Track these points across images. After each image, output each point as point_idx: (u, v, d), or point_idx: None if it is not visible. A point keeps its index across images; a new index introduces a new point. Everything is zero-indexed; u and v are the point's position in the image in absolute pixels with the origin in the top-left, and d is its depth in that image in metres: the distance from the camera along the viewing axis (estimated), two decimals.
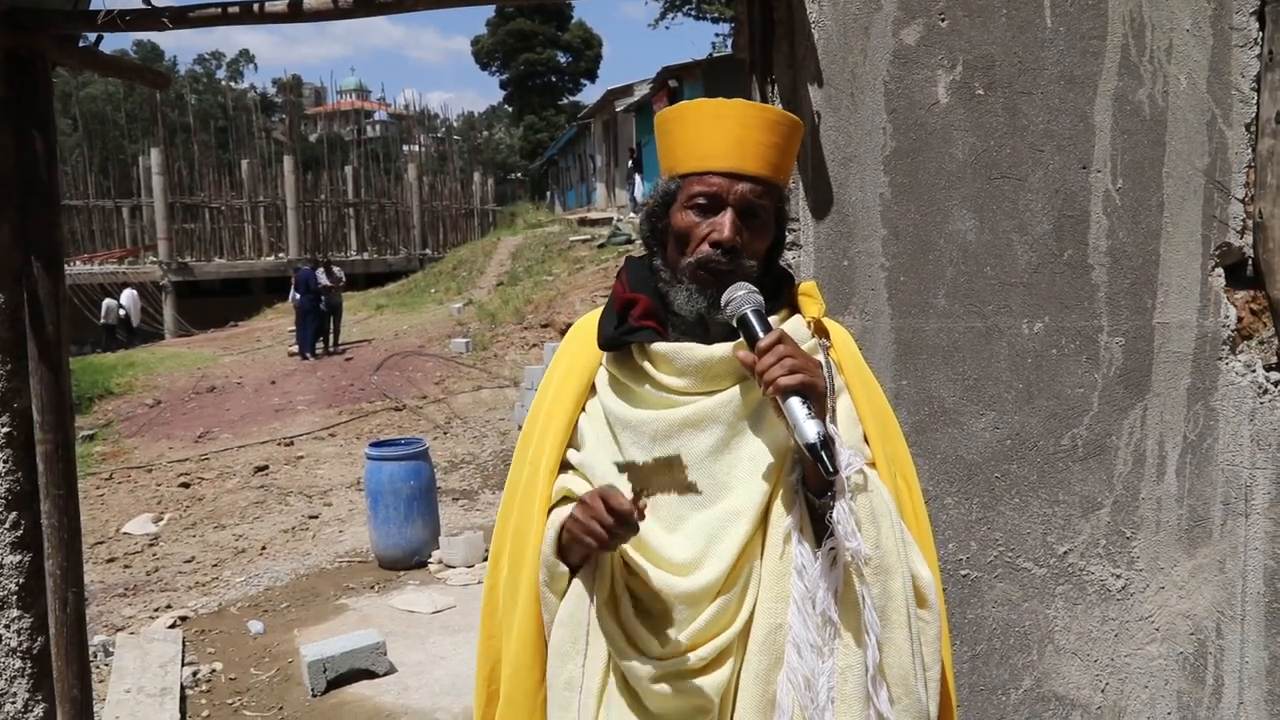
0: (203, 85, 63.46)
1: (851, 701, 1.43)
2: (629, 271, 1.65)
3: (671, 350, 1.52)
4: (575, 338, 1.71)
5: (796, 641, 1.44)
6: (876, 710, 1.44)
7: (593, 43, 59.52)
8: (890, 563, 1.47)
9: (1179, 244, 2.41)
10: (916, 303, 2.44)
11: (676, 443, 1.51)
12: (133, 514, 9.27)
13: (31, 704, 2.68)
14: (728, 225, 1.50)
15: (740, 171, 1.52)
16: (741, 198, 1.51)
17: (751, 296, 1.48)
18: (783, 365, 1.38)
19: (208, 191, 31.38)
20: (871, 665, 1.44)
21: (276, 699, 5.19)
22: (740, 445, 1.51)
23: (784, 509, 1.48)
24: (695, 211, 1.53)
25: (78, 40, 2.74)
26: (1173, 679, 2.51)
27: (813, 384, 1.39)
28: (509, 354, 15.87)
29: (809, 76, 2.40)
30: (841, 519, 1.41)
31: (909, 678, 1.47)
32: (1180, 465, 2.46)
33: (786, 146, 1.57)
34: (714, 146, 1.53)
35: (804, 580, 1.44)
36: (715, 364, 1.51)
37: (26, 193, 2.63)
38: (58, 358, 2.69)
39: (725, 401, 1.51)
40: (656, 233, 1.60)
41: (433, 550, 7.41)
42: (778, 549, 1.47)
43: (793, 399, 1.37)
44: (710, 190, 1.52)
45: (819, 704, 1.42)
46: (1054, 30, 2.37)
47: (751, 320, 1.46)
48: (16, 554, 2.64)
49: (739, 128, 1.53)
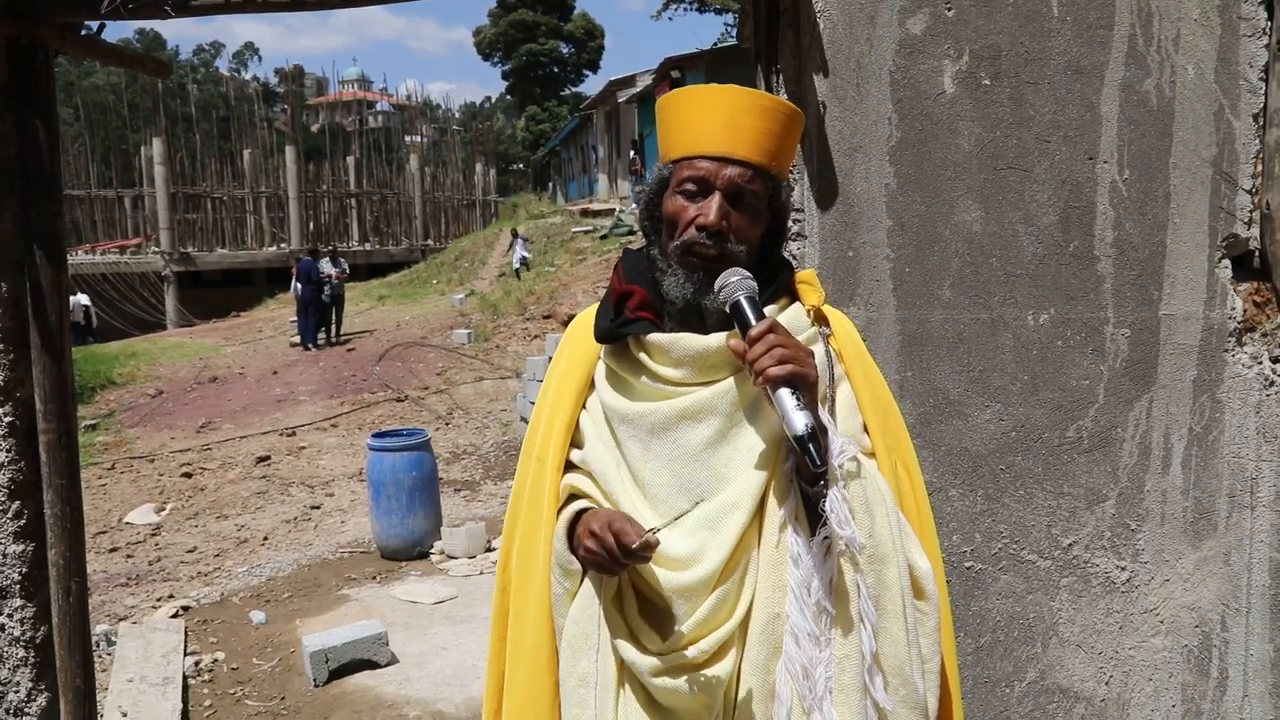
0: (201, 75, 63.32)
1: (849, 691, 1.42)
2: (625, 263, 1.63)
3: (667, 341, 1.51)
4: (575, 332, 1.70)
5: (794, 631, 1.43)
6: (873, 700, 1.44)
7: (595, 34, 59.41)
8: (885, 552, 1.46)
9: (1186, 235, 2.40)
10: (922, 294, 2.43)
11: (674, 435, 1.49)
12: (135, 504, 9.28)
13: (34, 693, 2.68)
14: (713, 209, 1.48)
15: (729, 156, 1.50)
16: (729, 182, 1.50)
17: (745, 283, 1.46)
18: (772, 355, 1.37)
19: (210, 181, 31.40)
20: (867, 654, 1.43)
21: (278, 689, 5.19)
22: (738, 436, 1.49)
23: (779, 498, 1.47)
24: (684, 196, 1.52)
25: (79, 29, 2.73)
26: (1177, 672, 2.50)
27: (803, 374, 1.38)
28: (511, 345, 15.87)
29: (814, 66, 2.39)
30: (835, 507, 1.40)
31: (905, 667, 1.46)
32: (1186, 457, 2.45)
33: (783, 134, 1.55)
34: (704, 131, 1.52)
35: (800, 569, 1.43)
36: (712, 354, 1.49)
37: (29, 182, 2.62)
38: (60, 347, 2.68)
39: (722, 392, 1.49)
40: (653, 221, 1.59)
41: (435, 541, 7.42)
42: (774, 538, 1.45)
43: (782, 390, 1.36)
44: (698, 174, 1.51)
45: (817, 694, 1.41)
46: (1061, 20, 2.35)
47: (744, 307, 1.44)
48: (19, 543, 2.64)
49: (730, 112, 1.52)
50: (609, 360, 1.58)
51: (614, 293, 1.59)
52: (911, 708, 1.47)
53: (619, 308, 1.56)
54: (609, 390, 1.57)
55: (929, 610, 1.53)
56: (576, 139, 42.40)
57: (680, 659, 1.44)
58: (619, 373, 1.56)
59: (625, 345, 1.55)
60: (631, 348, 1.54)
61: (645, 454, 1.51)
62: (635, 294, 1.55)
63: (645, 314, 1.54)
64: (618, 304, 1.57)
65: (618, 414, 1.55)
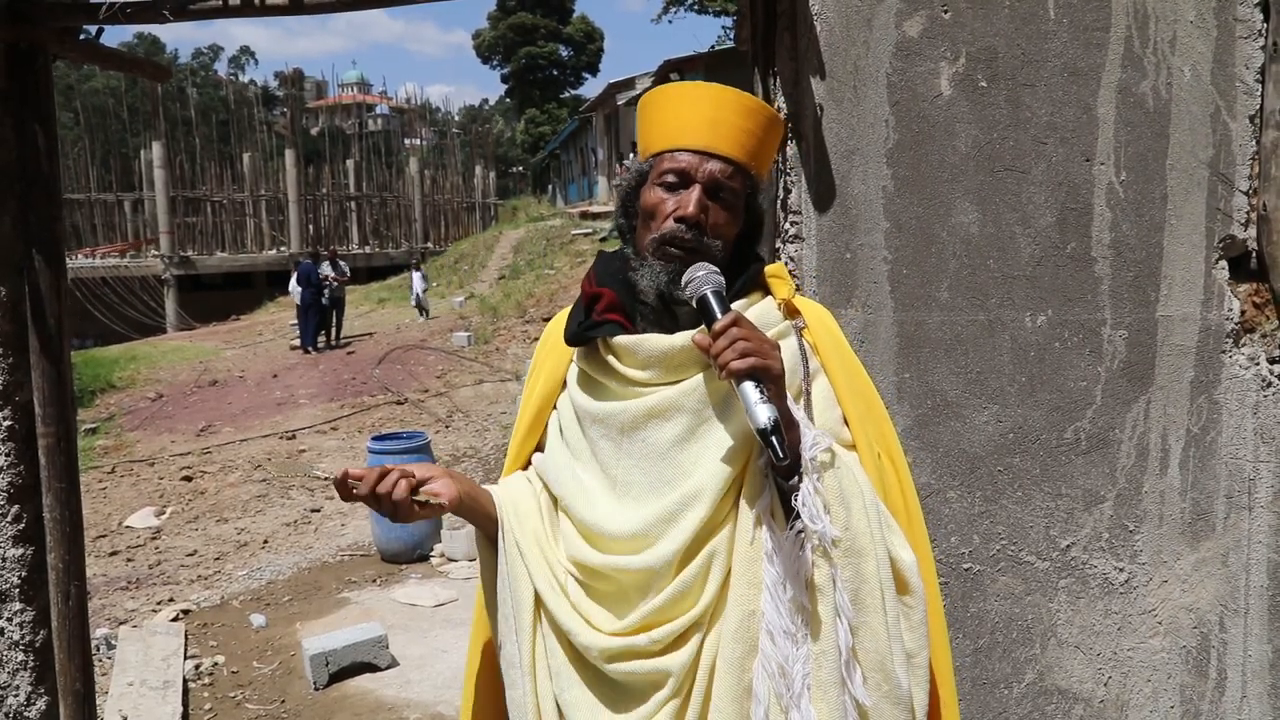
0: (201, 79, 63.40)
1: (827, 687, 1.40)
2: (597, 266, 1.64)
3: (633, 342, 1.51)
4: (550, 334, 1.71)
5: (770, 628, 1.41)
6: (852, 696, 1.41)
7: (594, 36, 59.45)
8: (862, 545, 1.43)
9: (1182, 237, 2.40)
10: (919, 296, 2.43)
11: (643, 434, 1.50)
12: (135, 507, 9.28)
13: (34, 697, 2.68)
14: (693, 201, 1.49)
15: (711, 150, 1.51)
16: (710, 176, 1.51)
17: (711, 277, 1.46)
18: (735, 349, 1.36)
19: (209, 185, 31.37)
20: (844, 649, 1.41)
21: (278, 692, 5.20)
22: (707, 433, 1.49)
23: (753, 494, 1.45)
24: (664, 188, 1.52)
25: (78, 33, 2.73)
26: (1175, 673, 2.50)
27: (765, 366, 1.36)
28: (511, 347, 15.88)
29: (811, 69, 2.39)
30: (807, 501, 1.38)
31: (886, 662, 1.44)
32: (1184, 459, 2.45)
33: (763, 136, 1.56)
34: (687, 125, 1.53)
35: (775, 565, 1.42)
36: (677, 353, 1.49)
37: (28, 186, 2.62)
38: (59, 351, 2.69)
39: (689, 390, 1.49)
40: (629, 217, 1.60)
41: (434, 544, 7.42)
42: (748, 535, 1.44)
43: (746, 383, 1.35)
44: (679, 167, 1.51)
45: (794, 691, 1.39)
46: (1057, 22, 2.36)
47: (710, 301, 1.44)
48: (19, 547, 2.64)
49: (713, 109, 1.53)
50: (580, 362, 1.59)
51: (584, 295, 1.60)
52: (894, 703, 1.44)
53: (589, 310, 1.57)
54: (579, 391, 1.59)
55: (914, 603, 1.50)
56: (576, 142, 42.42)
57: (632, 644, 1.44)
58: (590, 374, 1.57)
59: (595, 347, 1.56)
60: (600, 350, 1.55)
61: (618, 453, 1.52)
62: (604, 296, 1.56)
63: (613, 316, 1.55)
64: (588, 306, 1.58)
65: (589, 414, 1.56)
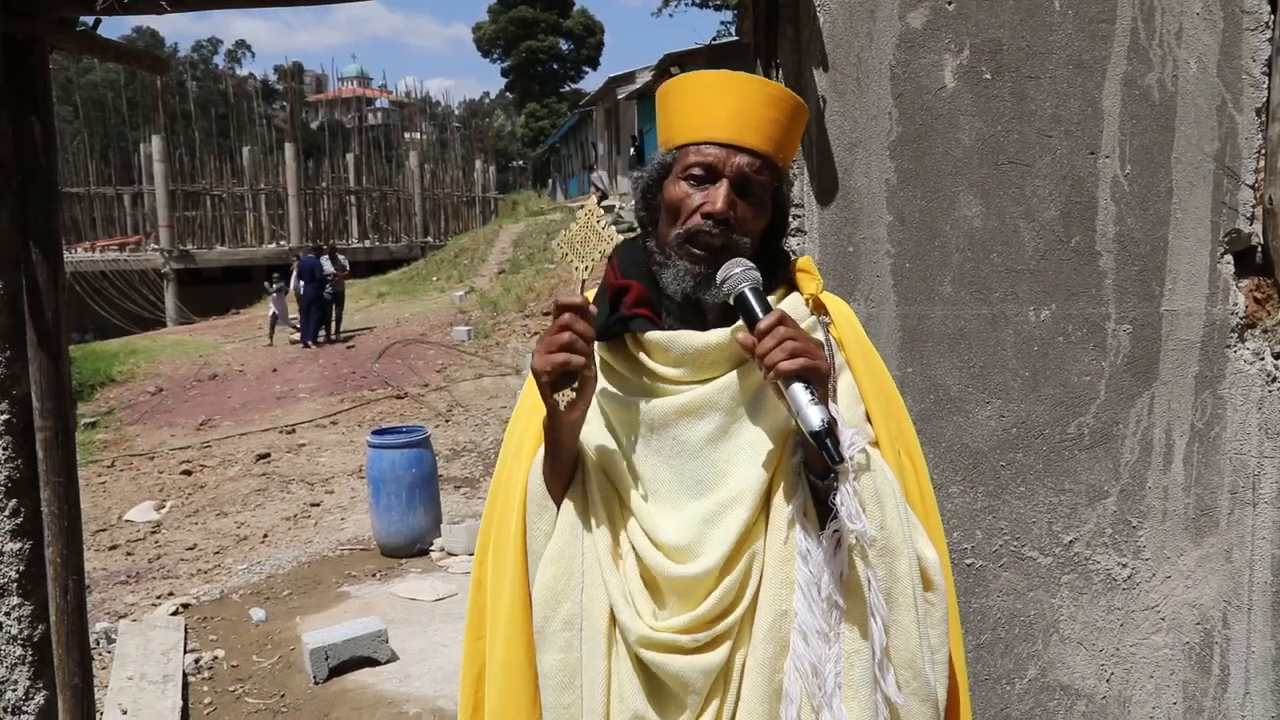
0: (200, 72, 63.27)
1: (859, 687, 1.39)
2: (621, 255, 1.58)
3: (666, 339, 1.47)
4: None
5: (802, 628, 1.39)
6: (883, 694, 1.41)
7: (595, 30, 59.35)
8: (896, 544, 1.43)
9: (1188, 230, 2.39)
10: (922, 289, 2.41)
11: (673, 431, 1.46)
12: (135, 501, 9.28)
13: (32, 691, 2.67)
14: (721, 197, 1.44)
15: (738, 143, 1.46)
16: (738, 170, 1.45)
17: (749, 274, 1.42)
18: (784, 349, 1.32)
19: (209, 179, 31.36)
20: (878, 648, 1.40)
21: (278, 686, 5.19)
22: (740, 431, 1.46)
23: (787, 493, 1.43)
24: (690, 182, 1.47)
25: (75, 24, 2.71)
26: (1179, 669, 2.49)
27: (815, 367, 1.33)
28: (511, 342, 15.87)
29: (814, 61, 2.37)
30: (846, 501, 1.37)
31: (916, 660, 1.44)
32: (1188, 454, 2.44)
33: (789, 125, 1.51)
34: (712, 117, 1.47)
35: (809, 565, 1.40)
36: (711, 351, 1.46)
37: (25, 179, 2.61)
38: (56, 345, 2.68)
39: (723, 388, 1.46)
40: (650, 209, 1.55)
41: (434, 538, 7.41)
42: (781, 534, 1.42)
43: (796, 384, 1.32)
44: (706, 160, 1.46)
45: (826, 691, 1.38)
46: (1062, 14, 2.34)
47: (750, 299, 1.40)
48: (16, 541, 2.63)
49: (739, 100, 1.47)
50: (604, 354, 1.54)
51: (610, 287, 1.55)
52: (923, 700, 1.44)
53: (615, 303, 1.52)
54: (606, 384, 1.53)
55: (937, 600, 1.50)
56: (576, 136, 42.37)
57: (672, 641, 1.41)
58: (615, 368, 1.53)
59: (622, 341, 1.52)
60: (629, 345, 1.51)
61: (645, 450, 1.48)
62: (632, 289, 1.52)
63: (643, 310, 1.50)
64: (614, 299, 1.53)
65: (616, 408, 1.52)
